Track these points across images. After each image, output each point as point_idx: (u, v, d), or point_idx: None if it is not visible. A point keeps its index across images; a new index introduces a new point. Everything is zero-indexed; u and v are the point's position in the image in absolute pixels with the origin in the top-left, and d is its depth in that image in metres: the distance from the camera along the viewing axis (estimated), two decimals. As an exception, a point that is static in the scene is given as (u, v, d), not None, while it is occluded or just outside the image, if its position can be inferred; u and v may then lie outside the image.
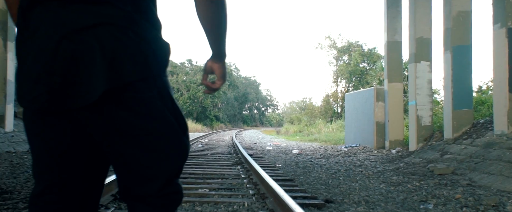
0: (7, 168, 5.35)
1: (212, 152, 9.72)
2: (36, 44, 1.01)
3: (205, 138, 18.30)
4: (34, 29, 1.02)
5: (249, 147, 12.77)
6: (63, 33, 0.99)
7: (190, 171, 5.84)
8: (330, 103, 30.84)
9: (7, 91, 9.25)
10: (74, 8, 1.01)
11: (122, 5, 1.04)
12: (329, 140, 15.95)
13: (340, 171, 6.51)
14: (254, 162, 6.41)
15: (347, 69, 29.07)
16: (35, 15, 1.03)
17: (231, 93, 56.95)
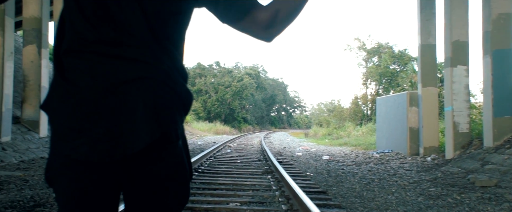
0: (41, 177, 5.41)
1: (241, 158, 9.64)
2: (77, 96, 1.03)
3: (234, 141, 18.27)
4: (73, 79, 1.04)
5: (278, 152, 12.64)
6: (106, 86, 1.02)
7: (221, 180, 5.76)
8: (360, 105, 30.33)
9: (41, 97, 9.46)
10: (116, 62, 1.04)
11: (159, 63, 1.07)
12: (359, 145, 15.62)
13: (373, 180, 6.30)
14: (285, 171, 6.28)
15: (376, 71, 28.50)
16: (74, 65, 1.05)
17: (259, 95, 56.92)
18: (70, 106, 1.03)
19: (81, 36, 1.03)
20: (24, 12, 9.53)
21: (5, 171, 5.76)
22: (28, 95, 9.34)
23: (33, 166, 6.52)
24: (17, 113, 9.29)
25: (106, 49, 1.03)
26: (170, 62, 1.10)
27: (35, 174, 5.58)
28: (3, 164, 6.46)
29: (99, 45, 1.03)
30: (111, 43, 1.03)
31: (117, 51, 1.03)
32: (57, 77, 1.07)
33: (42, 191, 4.42)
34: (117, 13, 1.03)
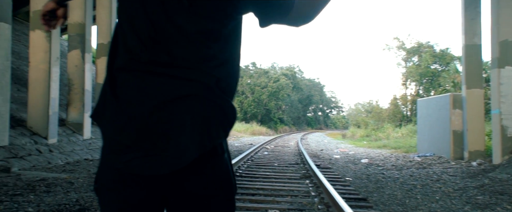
0: (85, 179, 5.58)
1: (279, 161, 9.60)
2: (128, 112, 1.07)
3: (270, 143, 18.26)
4: (125, 95, 1.08)
5: (316, 154, 12.51)
6: (155, 104, 1.06)
7: (258, 185, 5.75)
8: (399, 106, 29.57)
9: (84, 101, 9.80)
10: (166, 81, 1.07)
11: (207, 81, 1.10)
12: (399, 147, 15.22)
13: (416, 187, 6.11)
14: (323, 176, 6.20)
15: (417, 71, 27.68)
16: (126, 83, 1.09)
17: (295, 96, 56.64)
18: (121, 122, 1.07)
19: (134, 56, 1.08)
20: (69, 18, 9.88)
21: (52, 172, 5.99)
22: (72, 98, 9.69)
23: (78, 168, 6.75)
24: (62, 116, 9.66)
25: (157, 69, 1.07)
26: (218, 79, 1.12)
27: (79, 177, 5.76)
28: (50, 166, 6.72)
29: (150, 65, 1.07)
30: (162, 64, 1.07)
31: (167, 71, 1.07)
32: (108, 92, 1.11)
33: (86, 194, 4.55)
34: (168, 36, 1.07)
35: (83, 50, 9.87)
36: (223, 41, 1.14)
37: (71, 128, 9.45)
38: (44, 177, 5.45)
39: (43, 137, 7.76)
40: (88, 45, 10.14)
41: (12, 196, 4.22)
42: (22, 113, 8.27)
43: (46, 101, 8.00)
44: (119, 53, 1.11)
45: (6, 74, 6.72)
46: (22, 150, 6.68)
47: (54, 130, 8.11)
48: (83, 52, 9.88)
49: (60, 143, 8.17)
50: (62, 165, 6.95)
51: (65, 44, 14.75)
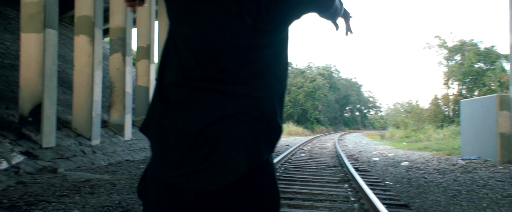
0: (127, 181, 5.73)
1: (316, 164, 9.50)
2: (179, 127, 1.10)
3: (307, 144, 18.12)
4: (175, 111, 1.11)
5: (354, 156, 12.30)
6: (207, 121, 1.08)
7: (296, 189, 5.71)
8: (440, 106, 28.60)
9: (125, 103, 10.06)
10: (218, 98, 1.10)
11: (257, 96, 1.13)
12: (441, 149, 14.71)
13: (460, 192, 5.88)
14: (362, 180, 6.08)
15: (459, 70, 26.67)
16: (178, 98, 1.11)
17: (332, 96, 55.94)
18: (173, 138, 1.10)
19: (187, 73, 1.10)
20: (111, 23, 10.20)
21: (96, 173, 6.19)
22: (114, 100, 9.98)
23: (120, 169, 6.93)
24: (104, 117, 9.97)
25: (209, 84, 1.09)
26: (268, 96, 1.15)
27: (121, 178, 5.92)
28: (93, 166, 6.95)
29: (203, 81, 1.09)
30: (215, 80, 1.09)
31: (219, 86, 1.09)
32: (159, 106, 1.13)
33: (128, 196, 4.66)
34: (225, 54, 1.10)
35: (124, 53, 10.15)
36: (274, 53, 1.16)
37: (113, 129, 9.74)
38: (88, 178, 5.63)
39: (87, 138, 8.03)
40: (128, 49, 10.41)
41: (59, 197, 4.39)
42: (67, 115, 8.59)
43: (90, 103, 8.28)
44: (171, 69, 1.13)
45: (53, 78, 7.00)
46: (67, 151, 6.93)
47: (97, 132, 8.37)
48: (124, 55, 10.15)
49: (103, 144, 8.42)
50: (104, 166, 7.17)
51: (107, 47, 15.22)
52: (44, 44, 6.75)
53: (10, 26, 11.50)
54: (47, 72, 6.81)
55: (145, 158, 8.96)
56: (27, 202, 4.02)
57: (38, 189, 4.70)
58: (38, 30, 6.77)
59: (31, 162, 5.79)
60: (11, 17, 12.12)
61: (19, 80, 6.86)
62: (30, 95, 6.70)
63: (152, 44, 11.94)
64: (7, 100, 7.48)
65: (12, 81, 8.42)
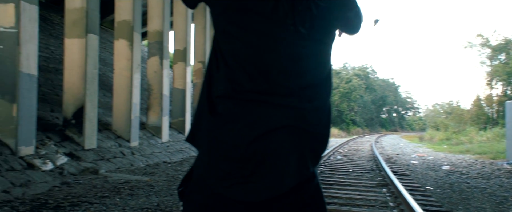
0: (165, 183, 5.83)
1: (353, 167, 9.35)
2: (228, 139, 1.12)
3: (343, 146, 17.87)
4: (225, 123, 1.12)
5: (391, 159, 12.02)
6: (257, 134, 1.09)
7: (333, 193, 5.63)
8: (483, 108, 27.51)
9: (163, 105, 10.26)
10: (267, 110, 1.11)
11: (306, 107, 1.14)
12: (485, 152, 14.13)
13: (507, 199, 5.62)
14: (401, 185, 5.93)
15: (504, 70, 25.55)
16: (227, 110, 1.12)
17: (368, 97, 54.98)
18: (222, 149, 1.12)
19: (236, 85, 1.12)
20: (149, 27, 10.44)
21: (135, 175, 6.34)
22: (152, 103, 10.20)
23: (157, 170, 7.07)
24: (143, 119, 10.20)
25: (259, 97, 1.11)
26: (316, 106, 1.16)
27: (159, 180, 6.03)
28: (132, 168, 7.12)
29: (252, 94, 1.11)
30: (264, 92, 1.11)
31: (269, 99, 1.11)
32: (206, 118, 1.16)
33: (166, 198, 4.74)
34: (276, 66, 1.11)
35: (161, 56, 10.35)
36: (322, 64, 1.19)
37: (151, 131, 9.95)
38: (127, 180, 5.77)
39: (126, 140, 8.24)
40: (165, 52, 10.61)
41: (101, 198, 4.52)
42: (107, 117, 8.85)
43: (129, 106, 8.49)
44: (219, 81, 1.15)
45: (94, 81, 7.23)
46: (108, 153, 7.14)
47: (135, 133, 8.58)
48: (161, 58, 10.35)
49: (141, 146, 8.62)
50: (143, 168, 7.33)
51: (145, 50, 15.59)
52: (86, 49, 6.99)
53: (55, 32, 11.98)
54: (89, 76, 7.04)
55: (182, 160, 9.10)
56: (71, 202, 4.16)
57: (81, 190, 4.86)
58: (80, 35, 7.01)
59: (74, 163, 6.00)
60: (55, 23, 12.63)
61: (63, 84, 7.13)
62: (73, 99, 6.95)
63: (189, 47, 12.12)
64: (52, 103, 7.79)
65: (57, 84, 8.76)
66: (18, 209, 3.82)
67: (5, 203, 3.99)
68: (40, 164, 5.34)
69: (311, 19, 1.10)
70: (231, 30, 1.12)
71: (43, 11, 10.29)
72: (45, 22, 11.75)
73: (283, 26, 1.09)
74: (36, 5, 5.66)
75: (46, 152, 5.68)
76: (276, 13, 1.08)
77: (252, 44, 1.10)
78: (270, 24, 1.09)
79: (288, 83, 1.12)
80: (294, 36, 1.09)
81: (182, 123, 11.81)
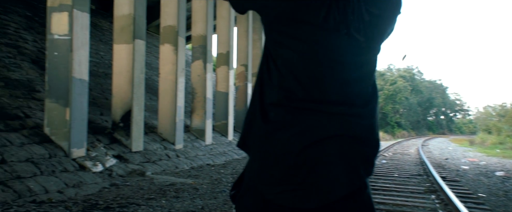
0: (208, 185, 5.91)
1: (399, 171, 9.08)
2: (279, 146, 1.12)
3: (388, 150, 17.41)
4: (276, 130, 1.13)
5: (439, 164, 11.57)
6: (308, 142, 1.10)
7: (378, 199, 5.49)
8: (540, 110, 25.98)
9: (206, 108, 10.41)
10: (319, 118, 1.11)
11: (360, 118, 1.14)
12: (542, 158, 13.32)
13: None
14: (451, 191, 5.70)
15: None
16: (280, 118, 1.13)
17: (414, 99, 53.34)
18: (273, 156, 1.13)
19: (289, 93, 1.12)
20: (193, 31, 10.63)
21: (180, 177, 6.46)
22: (196, 106, 10.38)
23: (201, 173, 7.18)
24: (187, 122, 10.40)
25: (311, 105, 1.11)
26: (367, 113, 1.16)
27: (203, 182, 6.12)
28: (177, 170, 7.27)
29: (305, 102, 1.12)
30: (317, 101, 1.12)
31: (321, 107, 1.11)
32: (259, 124, 1.17)
33: (210, 201, 4.80)
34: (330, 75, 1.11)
35: (205, 60, 10.51)
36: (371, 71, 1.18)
37: (195, 134, 10.12)
38: (173, 182, 5.89)
39: (171, 142, 8.43)
40: (209, 56, 10.77)
41: (148, 200, 4.64)
42: (153, 120, 9.09)
43: (173, 109, 8.68)
44: (272, 89, 1.16)
45: (141, 85, 7.45)
46: (154, 155, 7.33)
47: (180, 136, 8.75)
48: (205, 62, 10.51)
49: (185, 149, 8.78)
50: (187, 170, 7.46)
51: (188, 54, 15.90)
52: (133, 54, 7.21)
53: (104, 37, 12.47)
54: (136, 80, 7.26)
55: (225, 163, 9.19)
56: (119, 204, 4.30)
57: (128, 192, 5.01)
58: (128, 41, 7.25)
59: (122, 165, 6.20)
60: (105, 29, 13.14)
61: (111, 88, 7.40)
62: (121, 102, 7.19)
63: (231, 51, 12.24)
64: (101, 107, 8.10)
65: (106, 89, 9.11)
66: (71, 209, 3.99)
67: (60, 203, 4.18)
68: (91, 165, 5.56)
69: (364, 27, 1.09)
70: (283, 40, 1.13)
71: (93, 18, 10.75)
72: (95, 29, 12.24)
73: (335, 35, 1.09)
74: (87, 12, 5.91)
75: (96, 154, 5.90)
76: (328, 22, 1.08)
77: (304, 53, 1.11)
78: (322, 33, 1.09)
79: (340, 91, 1.12)
80: (346, 45, 1.10)
81: (225, 125, 11.93)
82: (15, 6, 9.47)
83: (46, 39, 5.74)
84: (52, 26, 5.63)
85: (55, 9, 5.62)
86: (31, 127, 5.54)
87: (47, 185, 4.52)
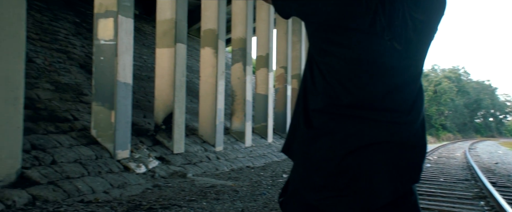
0: (248, 188, 5.93)
1: (445, 176, 8.76)
2: (322, 152, 1.13)
3: (433, 153, 16.85)
4: (320, 136, 1.14)
5: (489, 168, 11.07)
6: (352, 149, 1.09)
7: (424, 204, 5.31)
8: None
9: (246, 111, 10.47)
10: (364, 124, 1.10)
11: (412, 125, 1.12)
12: None
13: None
14: (502, 198, 5.43)
15: None
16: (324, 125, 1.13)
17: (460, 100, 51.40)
18: (316, 162, 1.14)
19: (333, 100, 1.13)
20: (232, 34, 10.73)
21: (220, 179, 6.53)
22: (235, 108, 10.45)
23: (241, 175, 7.22)
24: (227, 124, 10.50)
25: (355, 112, 1.11)
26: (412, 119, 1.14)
27: (243, 185, 6.14)
28: (217, 172, 7.34)
29: (349, 109, 1.11)
30: (361, 107, 1.11)
31: (365, 114, 1.11)
32: (303, 130, 1.18)
33: (250, 204, 4.81)
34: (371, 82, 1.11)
35: (244, 63, 10.58)
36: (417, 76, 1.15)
37: (234, 136, 10.20)
38: (213, 184, 5.96)
39: (211, 144, 8.53)
40: (248, 58, 10.83)
41: (189, 201, 4.71)
42: (194, 122, 9.24)
43: (213, 111, 8.78)
44: (316, 95, 1.16)
45: (182, 89, 7.60)
46: (194, 157, 7.44)
47: (220, 138, 8.84)
48: (244, 65, 10.58)
49: (225, 151, 8.87)
50: (227, 172, 7.53)
51: (228, 57, 16.06)
52: (175, 58, 7.36)
53: (147, 41, 12.82)
54: (177, 83, 7.41)
55: (264, 165, 9.20)
56: (162, 205, 4.39)
57: (170, 193, 5.11)
58: (170, 45, 7.41)
59: (164, 167, 6.34)
60: (147, 33, 13.51)
61: (154, 91, 7.58)
62: (163, 105, 7.36)
63: (271, 53, 12.25)
64: (144, 109, 8.32)
65: (148, 91, 9.35)
66: (117, 209, 4.11)
67: (105, 203, 4.33)
68: (135, 167, 5.72)
69: (407, 33, 1.07)
70: (328, 47, 1.12)
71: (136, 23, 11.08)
72: (139, 33, 12.61)
73: (380, 41, 1.08)
74: (131, 18, 6.09)
75: (140, 156, 6.07)
76: (374, 27, 1.07)
77: (350, 60, 1.11)
78: (368, 40, 1.08)
79: (386, 97, 1.11)
80: (391, 50, 1.08)
81: (265, 128, 11.94)
82: (65, 13, 9.92)
83: (93, 44, 5.97)
84: (98, 32, 5.85)
85: (101, 15, 5.83)
86: (79, 129, 5.77)
87: (94, 185, 4.69)
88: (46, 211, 3.73)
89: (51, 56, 7.58)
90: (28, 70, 6.02)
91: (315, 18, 1.12)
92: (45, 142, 4.93)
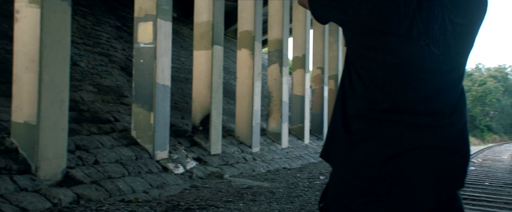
0: (285, 189, 5.91)
1: (490, 180, 8.39)
2: (362, 158, 1.12)
3: (477, 156, 16.19)
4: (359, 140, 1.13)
5: (539, 173, 10.50)
6: (392, 154, 1.09)
7: (468, 209, 5.11)
8: None
9: (282, 112, 10.45)
10: (405, 129, 1.09)
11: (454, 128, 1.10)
12: None
13: None
14: (554, 205, 5.13)
15: None
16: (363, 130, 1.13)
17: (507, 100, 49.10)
18: (356, 167, 1.14)
19: (372, 105, 1.12)
20: (269, 35, 10.74)
21: (256, 180, 6.55)
22: (272, 109, 10.46)
23: (277, 176, 7.21)
24: (263, 126, 10.52)
25: (395, 116, 1.10)
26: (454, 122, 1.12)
27: (279, 186, 6.14)
28: (254, 173, 7.37)
29: (389, 114, 1.10)
30: (401, 112, 1.10)
31: (405, 118, 1.09)
32: (342, 135, 1.18)
33: (286, 206, 4.80)
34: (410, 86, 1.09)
35: (281, 64, 10.57)
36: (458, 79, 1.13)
37: (271, 137, 10.20)
38: (250, 185, 5.98)
39: (248, 146, 8.57)
40: (285, 59, 10.81)
41: (226, 202, 4.75)
42: (231, 124, 9.31)
43: (250, 113, 8.83)
44: (355, 100, 1.16)
45: (219, 90, 7.68)
46: (231, 158, 7.50)
47: (256, 140, 8.88)
48: (281, 66, 10.57)
49: (262, 152, 8.89)
50: (264, 173, 7.54)
51: (264, 58, 16.09)
52: (212, 60, 7.46)
53: (185, 44, 13.05)
54: (214, 85, 7.49)
55: (301, 166, 9.15)
56: (199, 205, 4.45)
57: (208, 194, 5.17)
58: (207, 47, 7.51)
59: (201, 168, 6.43)
60: (185, 35, 13.76)
61: (191, 93, 7.71)
62: (200, 107, 7.46)
63: (307, 54, 12.18)
64: (182, 111, 8.48)
65: (186, 93, 9.51)
66: (156, 209, 4.21)
67: (145, 202, 4.44)
68: (173, 167, 5.83)
69: (446, 38, 1.06)
70: (366, 52, 1.12)
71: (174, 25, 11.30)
72: (177, 35, 12.86)
73: (417, 45, 1.06)
74: (169, 21, 6.22)
75: (178, 157, 6.18)
76: (412, 32, 1.05)
77: (389, 65, 1.10)
78: (407, 44, 1.07)
79: (427, 101, 1.10)
80: (431, 53, 1.06)
81: (301, 129, 11.88)
82: (107, 17, 10.26)
83: (133, 47, 6.14)
84: (138, 35, 6.01)
85: (141, 19, 5.98)
86: (120, 130, 5.95)
87: (134, 185, 4.82)
88: (89, 209, 3.87)
89: (94, 59, 7.86)
90: (72, 73, 6.26)
91: (353, 24, 1.11)
92: (88, 143, 5.11)
